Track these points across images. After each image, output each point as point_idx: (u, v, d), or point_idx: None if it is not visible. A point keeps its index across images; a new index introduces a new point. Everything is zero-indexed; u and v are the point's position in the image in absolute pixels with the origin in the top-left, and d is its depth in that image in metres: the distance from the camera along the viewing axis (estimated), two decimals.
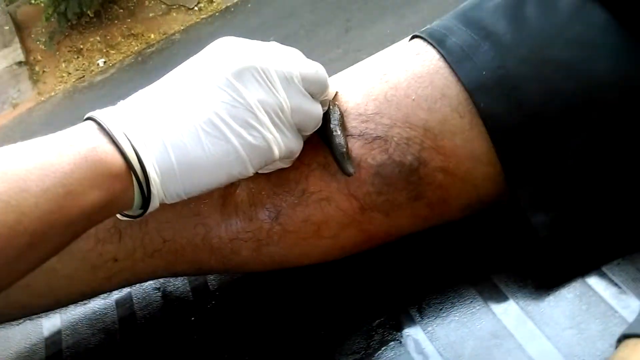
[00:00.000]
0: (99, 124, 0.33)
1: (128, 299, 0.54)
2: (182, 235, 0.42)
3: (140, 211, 0.35)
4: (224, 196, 0.42)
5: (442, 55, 0.42)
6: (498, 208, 0.46)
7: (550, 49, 0.40)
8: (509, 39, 0.41)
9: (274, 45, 0.39)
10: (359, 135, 0.41)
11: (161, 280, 0.54)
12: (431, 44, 0.43)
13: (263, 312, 0.49)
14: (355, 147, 0.41)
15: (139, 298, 0.53)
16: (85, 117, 0.34)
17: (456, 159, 0.41)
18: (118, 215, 0.37)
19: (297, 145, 0.38)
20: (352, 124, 0.42)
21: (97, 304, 0.54)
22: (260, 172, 0.41)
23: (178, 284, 0.53)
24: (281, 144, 0.37)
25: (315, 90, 0.39)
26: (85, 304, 0.54)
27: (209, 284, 0.52)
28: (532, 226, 0.42)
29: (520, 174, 0.41)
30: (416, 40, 0.45)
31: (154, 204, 0.34)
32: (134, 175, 0.32)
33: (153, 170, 0.33)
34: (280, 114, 0.36)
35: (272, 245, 0.42)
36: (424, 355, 0.42)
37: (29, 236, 0.29)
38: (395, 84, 0.43)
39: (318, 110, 0.39)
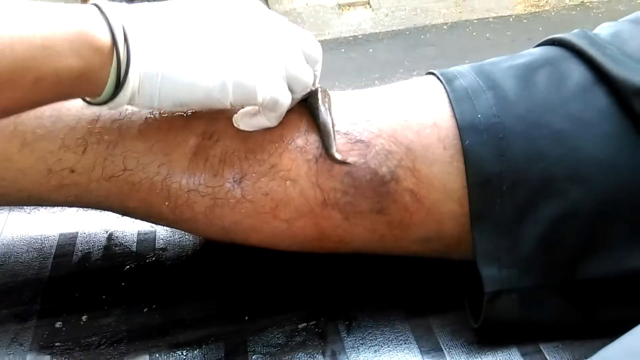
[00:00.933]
0: (100, 9, 0.34)
1: (74, 234, 0.53)
2: (144, 169, 0.42)
3: (109, 98, 0.35)
4: (199, 146, 0.42)
5: (447, 93, 0.43)
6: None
7: (547, 115, 0.41)
8: (512, 95, 0.42)
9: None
10: (344, 134, 0.42)
11: (114, 227, 0.53)
12: (441, 81, 0.45)
13: (195, 282, 0.48)
14: (337, 143, 0.41)
15: (84, 234, 0.53)
16: (90, 2, 0.35)
17: (428, 187, 0.41)
18: (85, 101, 0.37)
19: (282, 98, 0.39)
20: (342, 121, 0.42)
21: (41, 232, 0.53)
22: (243, 127, 0.41)
23: (127, 233, 0.53)
24: (267, 91, 0.37)
25: (311, 58, 0.40)
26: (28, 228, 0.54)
27: (157, 241, 0.52)
28: (480, 278, 0.41)
29: (484, 221, 0.41)
30: (429, 76, 0.47)
31: (126, 93, 0.35)
32: (115, 54, 0.33)
33: (137, 56, 0.34)
34: (275, 62, 0.38)
35: (227, 208, 0.42)
36: None
37: None
38: (394, 103, 0.44)
39: (310, 75, 0.40)
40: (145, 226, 0.53)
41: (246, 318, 0.45)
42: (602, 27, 0.48)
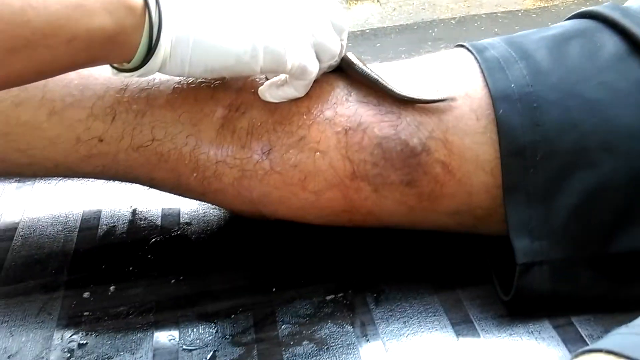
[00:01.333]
0: None
1: (98, 210, 0.53)
2: (172, 139, 0.42)
3: (140, 63, 0.35)
4: (226, 117, 0.42)
5: (479, 63, 0.43)
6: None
7: (581, 85, 0.40)
8: (545, 65, 0.41)
9: None
10: (374, 105, 0.42)
11: (138, 203, 0.53)
12: (472, 52, 0.44)
13: (222, 254, 0.48)
14: (367, 114, 0.41)
15: (108, 210, 0.53)
16: None
17: (460, 158, 0.41)
18: (113, 67, 0.37)
19: (311, 65, 0.38)
20: (371, 93, 0.42)
21: (66, 206, 0.53)
22: (270, 99, 0.41)
23: (152, 208, 0.53)
24: (296, 57, 0.37)
25: (337, 27, 0.40)
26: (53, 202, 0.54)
27: (181, 216, 0.52)
28: (512, 249, 0.40)
29: (517, 192, 0.40)
30: (459, 48, 0.46)
31: (157, 58, 0.35)
32: (147, 16, 0.33)
33: (169, 20, 0.34)
34: (304, 30, 0.37)
35: (255, 179, 0.41)
36: (367, 341, 0.40)
37: (30, 31, 0.29)
38: (425, 74, 0.43)
39: (337, 43, 0.40)
40: (169, 202, 0.53)
41: (274, 290, 0.44)
42: (631, 1, 0.47)
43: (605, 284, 0.41)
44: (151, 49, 0.35)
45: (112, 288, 0.45)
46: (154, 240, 0.49)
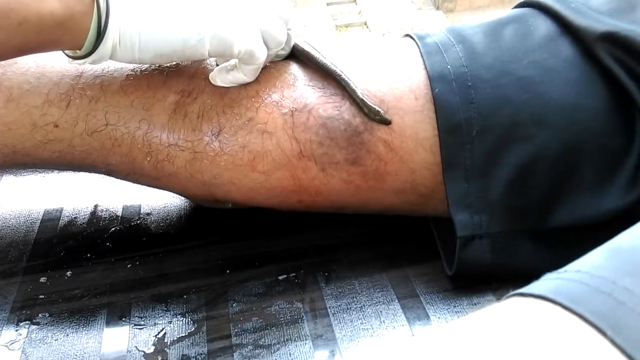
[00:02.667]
0: None
1: (60, 205, 0.54)
2: (126, 124, 0.43)
3: (90, 50, 0.37)
4: (178, 103, 0.43)
5: (419, 48, 0.45)
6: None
7: (514, 64, 0.42)
8: (480, 47, 0.44)
9: None
10: (319, 88, 0.43)
11: (100, 197, 0.54)
12: (413, 39, 0.46)
13: (178, 240, 0.49)
14: (312, 96, 0.43)
15: (71, 207, 0.54)
16: None
17: (401, 137, 0.42)
18: (67, 55, 0.39)
19: (258, 50, 0.40)
20: (316, 77, 0.44)
21: (28, 202, 0.54)
22: (220, 83, 0.43)
23: (114, 201, 0.54)
24: (243, 43, 0.39)
25: (283, 17, 0.42)
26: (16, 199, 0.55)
27: (142, 208, 0.53)
28: (453, 224, 0.42)
29: (455, 167, 0.42)
30: (404, 37, 0.49)
31: (106, 44, 0.36)
32: (95, 3, 0.35)
33: (116, 7, 0.36)
34: (251, 18, 0.39)
35: (206, 161, 0.43)
36: (315, 315, 0.41)
37: None
38: (367, 58, 0.46)
39: (283, 31, 0.42)
40: (131, 196, 0.54)
41: (227, 272, 0.45)
42: None
43: (546, 257, 0.42)
44: (100, 35, 0.37)
45: (68, 273, 0.46)
46: (113, 229, 0.50)
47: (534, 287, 0.28)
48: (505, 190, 0.41)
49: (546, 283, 0.28)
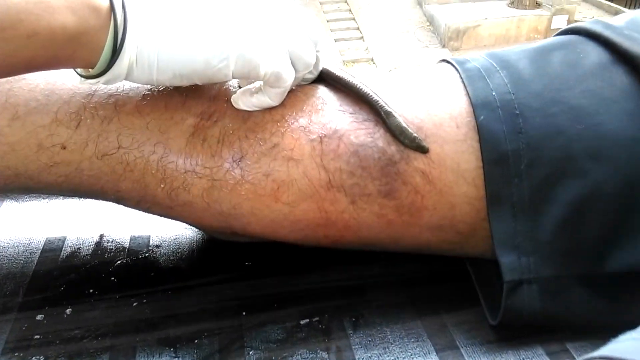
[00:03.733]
0: None
1: (62, 234, 0.50)
2: (139, 147, 0.40)
3: (105, 68, 0.33)
4: (197, 126, 0.40)
5: (459, 74, 0.42)
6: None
7: (565, 92, 0.39)
8: (527, 73, 0.40)
9: None
10: (350, 113, 0.40)
11: (106, 227, 0.50)
12: (452, 65, 0.43)
13: (190, 276, 0.45)
14: (343, 122, 0.39)
15: (75, 235, 0.50)
16: None
17: (440, 167, 0.38)
18: (79, 75, 0.35)
19: (286, 72, 0.37)
20: (348, 101, 0.41)
21: (29, 230, 0.50)
22: (243, 107, 0.39)
23: (121, 231, 0.50)
24: (270, 64, 0.36)
25: (312, 38, 0.39)
26: (17, 225, 0.51)
27: (151, 239, 0.49)
28: (499, 267, 0.38)
29: (501, 203, 0.38)
30: (441, 63, 0.46)
31: (122, 62, 0.33)
32: (112, 18, 0.32)
33: (135, 22, 0.33)
34: (278, 38, 0.36)
35: (225, 190, 0.39)
36: None
37: None
38: (404, 83, 0.42)
39: (312, 53, 0.39)
40: (140, 226, 0.50)
41: (244, 313, 0.41)
42: (616, 18, 0.47)
43: (602, 305, 0.38)
44: (116, 52, 0.34)
45: (68, 311, 0.41)
46: (119, 262, 0.46)
47: (617, 348, 0.23)
48: (557, 230, 0.37)
49: (631, 345, 0.24)
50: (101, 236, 0.49)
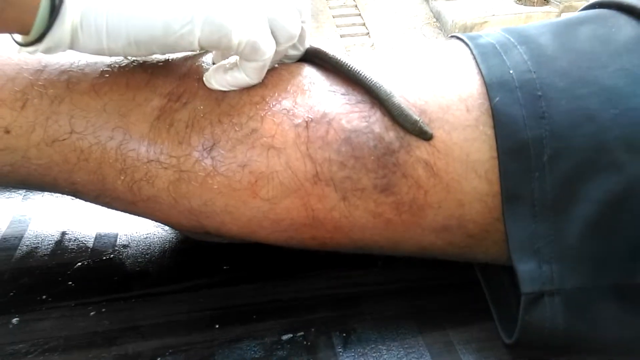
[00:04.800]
0: None
1: (20, 231, 0.45)
2: (95, 132, 0.34)
3: (43, 32, 0.28)
4: (163, 109, 0.34)
5: (471, 50, 0.36)
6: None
7: (596, 70, 0.33)
8: (550, 49, 0.34)
9: None
10: (342, 94, 0.34)
11: (70, 223, 0.45)
12: (462, 41, 0.37)
13: (158, 282, 0.39)
14: (333, 104, 0.34)
15: (33, 231, 0.44)
16: None
17: (447, 158, 0.33)
18: (15, 42, 0.30)
19: (264, 43, 0.31)
20: (340, 82, 0.35)
21: None
22: (216, 86, 0.34)
23: (86, 229, 0.44)
24: (245, 32, 0.30)
25: (298, 5, 0.33)
26: None
27: (118, 238, 0.43)
28: (515, 275, 0.32)
29: (519, 201, 0.32)
30: (451, 39, 0.40)
31: (63, 27, 0.28)
32: None
33: None
34: (256, 3, 0.30)
35: (194, 183, 0.33)
36: None
37: None
38: (404, 60, 0.36)
39: (296, 23, 0.33)
40: (107, 224, 0.45)
41: (216, 326, 0.35)
42: None
43: (636, 322, 0.32)
44: (54, 12, 0.28)
45: (14, 320, 0.36)
46: (80, 264, 0.41)
47: None
48: (586, 233, 0.31)
49: None
50: (63, 234, 0.44)
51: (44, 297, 0.38)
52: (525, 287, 0.31)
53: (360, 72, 0.34)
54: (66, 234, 0.44)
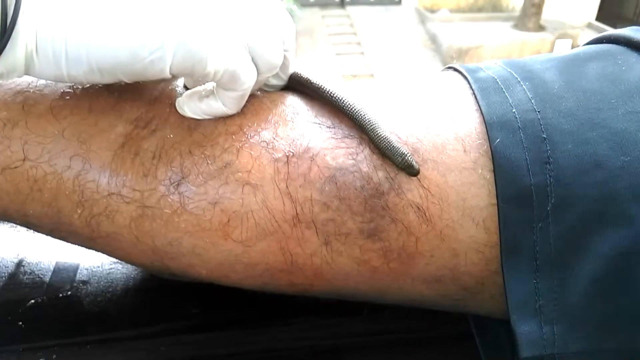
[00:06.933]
0: None
1: None
2: (51, 160, 0.30)
3: None
4: (128, 136, 0.31)
5: (469, 84, 0.33)
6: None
7: (604, 113, 0.30)
8: (556, 87, 0.31)
9: None
10: (328, 127, 0.31)
11: (28, 252, 0.41)
12: (461, 73, 0.34)
13: (118, 326, 0.35)
14: (318, 138, 0.30)
15: None
16: None
17: (441, 203, 0.29)
18: None
19: (244, 72, 0.28)
20: (325, 113, 0.32)
21: None
22: (189, 114, 0.31)
23: (44, 259, 0.40)
24: (223, 60, 0.27)
25: (281, 32, 0.30)
26: None
27: (79, 271, 0.39)
28: (514, 337, 0.28)
29: (520, 254, 0.29)
30: (447, 70, 0.37)
31: (16, 51, 0.25)
32: None
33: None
34: (235, 27, 0.28)
35: (159, 221, 0.30)
36: None
37: None
38: (396, 93, 0.33)
39: (278, 51, 0.30)
40: (68, 253, 0.41)
41: None
42: None
43: None
44: (5, 35, 0.25)
45: None
46: (33, 302, 0.37)
47: None
48: (592, 291, 0.28)
49: None
50: (19, 264, 0.40)
51: None
52: (524, 352, 0.28)
53: (345, 100, 0.31)
54: (22, 264, 0.40)
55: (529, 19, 5.99)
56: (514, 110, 0.30)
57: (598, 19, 6.65)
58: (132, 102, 0.32)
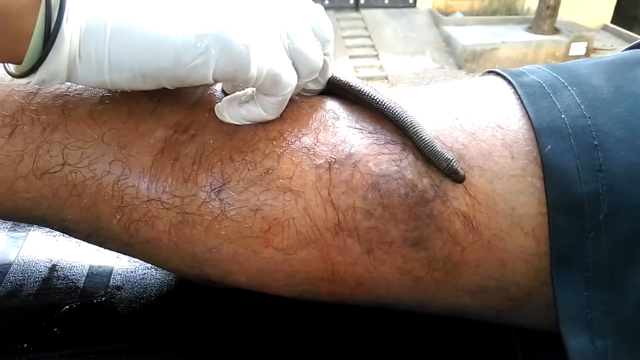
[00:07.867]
0: None
1: (5, 265, 0.41)
2: (91, 164, 0.30)
3: (36, 62, 0.24)
4: (169, 141, 0.30)
5: (514, 89, 0.32)
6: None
7: None
8: (605, 92, 0.30)
9: None
10: (370, 132, 0.30)
11: (61, 256, 0.41)
12: (504, 78, 0.33)
13: (154, 335, 0.35)
14: (360, 144, 0.30)
15: (20, 263, 0.40)
16: None
17: (488, 211, 0.29)
18: (8, 72, 0.26)
19: (286, 74, 0.28)
20: (368, 118, 0.31)
21: None
22: (229, 119, 0.30)
23: (77, 264, 0.40)
24: (265, 62, 0.27)
25: (320, 35, 0.30)
26: None
27: (112, 276, 0.39)
28: (565, 350, 0.27)
29: (571, 264, 0.28)
30: (488, 75, 0.36)
31: (60, 53, 0.24)
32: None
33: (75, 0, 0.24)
34: (277, 29, 0.27)
35: (199, 227, 0.29)
36: None
37: None
38: (441, 98, 0.33)
39: (319, 53, 0.30)
40: (101, 258, 0.41)
41: None
42: None
43: None
44: (49, 41, 0.25)
45: None
46: (67, 307, 0.36)
47: None
48: None
49: None
50: (52, 269, 0.40)
51: (24, 345, 0.33)
52: None
53: (387, 104, 0.30)
54: (55, 269, 0.40)
55: (544, 21, 5.93)
56: (563, 116, 0.29)
57: (614, 21, 6.57)
58: (171, 107, 0.31)
